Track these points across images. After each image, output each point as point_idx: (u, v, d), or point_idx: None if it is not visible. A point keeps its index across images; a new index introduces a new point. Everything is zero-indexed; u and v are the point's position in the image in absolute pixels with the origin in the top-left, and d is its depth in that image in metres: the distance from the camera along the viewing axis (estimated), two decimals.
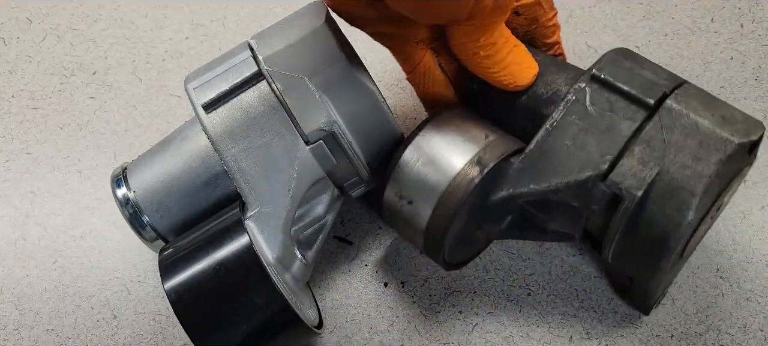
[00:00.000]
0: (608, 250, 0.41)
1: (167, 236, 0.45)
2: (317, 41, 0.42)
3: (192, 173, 0.44)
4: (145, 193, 0.44)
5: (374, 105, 0.43)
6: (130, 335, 0.50)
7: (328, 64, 0.42)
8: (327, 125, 0.42)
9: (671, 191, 0.38)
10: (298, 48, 0.42)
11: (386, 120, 0.43)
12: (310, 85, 0.41)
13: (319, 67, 0.42)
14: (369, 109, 0.43)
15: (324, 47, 0.42)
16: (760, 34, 0.57)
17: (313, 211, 0.44)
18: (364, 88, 0.42)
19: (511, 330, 0.48)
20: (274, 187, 0.42)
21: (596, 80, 0.42)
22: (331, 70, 0.42)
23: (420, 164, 0.42)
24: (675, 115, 0.39)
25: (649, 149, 0.39)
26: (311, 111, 0.41)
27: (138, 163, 0.46)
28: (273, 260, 0.41)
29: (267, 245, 0.41)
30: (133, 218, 0.44)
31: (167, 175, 0.44)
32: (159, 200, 0.44)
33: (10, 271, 0.53)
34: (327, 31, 0.42)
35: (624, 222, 0.39)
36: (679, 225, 0.37)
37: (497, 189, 0.41)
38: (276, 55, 0.42)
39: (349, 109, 0.42)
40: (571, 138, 0.41)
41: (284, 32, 0.43)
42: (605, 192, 0.39)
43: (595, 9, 0.60)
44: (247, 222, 0.41)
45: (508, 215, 0.43)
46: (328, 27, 0.43)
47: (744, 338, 0.46)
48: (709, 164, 0.37)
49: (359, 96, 0.42)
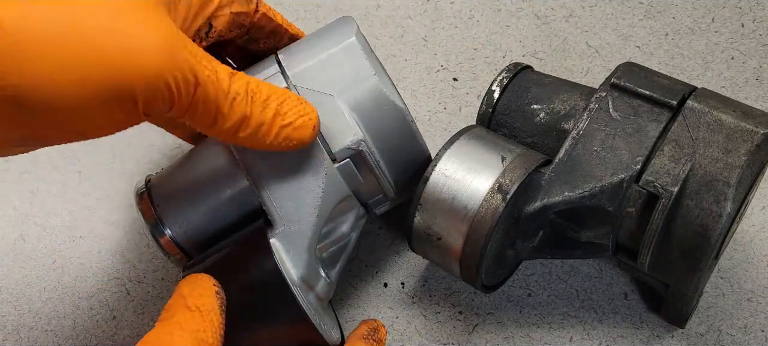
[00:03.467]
0: (645, 256, 0.40)
1: (189, 250, 0.44)
2: (347, 58, 0.41)
3: (217, 188, 0.42)
4: (168, 206, 0.43)
5: (403, 124, 0.42)
6: (130, 335, 0.50)
7: (358, 81, 0.41)
8: (355, 144, 0.41)
9: (706, 183, 0.38)
10: (327, 64, 0.41)
11: (414, 139, 0.43)
12: (340, 102, 0.41)
13: (349, 85, 0.41)
14: (398, 128, 0.42)
15: (354, 64, 0.41)
16: (761, 34, 0.57)
17: (339, 229, 0.44)
18: (393, 106, 0.42)
19: (511, 331, 0.48)
20: (301, 205, 0.41)
21: (616, 88, 0.43)
22: (361, 88, 0.41)
23: (446, 191, 0.41)
24: (698, 113, 0.40)
25: (678, 147, 0.39)
26: (340, 129, 0.41)
27: (163, 176, 0.45)
28: (298, 279, 0.41)
29: (292, 264, 0.41)
30: (155, 230, 0.43)
31: (192, 188, 0.43)
32: (183, 214, 0.43)
33: (9, 271, 0.53)
34: (357, 48, 0.42)
35: (661, 222, 0.39)
36: (719, 216, 0.38)
37: (530, 201, 0.41)
38: (305, 71, 0.41)
39: (377, 128, 0.41)
40: (599, 144, 0.41)
41: (313, 48, 0.42)
42: (641, 192, 0.39)
43: (596, 8, 0.60)
44: (273, 240, 0.40)
45: (539, 230, 0.43)
46: (358, 43, 0.42)
47: (745, 339, 0.46)
48: (739, 155, 0.38)
49: (388, 115, 0.42)
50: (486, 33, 0.60)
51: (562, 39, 0.59)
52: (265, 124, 0.37)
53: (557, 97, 0.46)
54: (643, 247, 0.40)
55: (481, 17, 0.60)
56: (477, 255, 0.40)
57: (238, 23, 0.41)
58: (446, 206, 0.41)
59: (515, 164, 0.41)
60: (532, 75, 0.49)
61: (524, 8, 0.60)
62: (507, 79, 0.47)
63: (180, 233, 0.43)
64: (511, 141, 0.44)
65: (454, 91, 0.58)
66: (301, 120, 0.38)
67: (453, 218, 0.41)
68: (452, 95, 0.58)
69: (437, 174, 0.42)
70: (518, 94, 0.47)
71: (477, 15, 0.61)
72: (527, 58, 0.59)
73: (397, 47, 0.60)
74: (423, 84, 0.59)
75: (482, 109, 0.48)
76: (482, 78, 0.58)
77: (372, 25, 0.61)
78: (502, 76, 0.48)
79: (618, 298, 0.48)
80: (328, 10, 0.62)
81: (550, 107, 0.46)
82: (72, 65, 0.30)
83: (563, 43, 0.59)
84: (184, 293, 0.37)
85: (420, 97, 0.58)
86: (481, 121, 0.48)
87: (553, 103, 0.46)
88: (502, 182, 0.40)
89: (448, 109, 0.58)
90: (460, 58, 0.59)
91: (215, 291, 0.38)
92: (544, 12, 0.60)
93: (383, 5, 0.62)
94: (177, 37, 0.33)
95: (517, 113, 0.47)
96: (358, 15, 0.62)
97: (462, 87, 0.58)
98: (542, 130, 0.45)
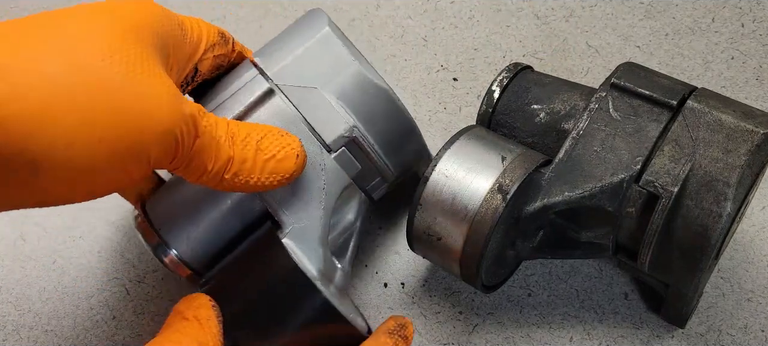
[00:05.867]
0: (645, 256, 0.40)
1: (197, 266, 0.43)
2: (324, 48, 0.42)
3: (217, 199, 0.42)
4: (169, 225, 0.42)
5: (390, 103, 0.43)
6: (130, 335, 0.50)
7: (340, 70, 0.41)
8: (348, 131, 0.41)
9: (706, 183, 0.38)
10: (305, 58, 0.42)
11: (402, 116, 0.43)
12: (325, 94, 0.41)
13: (331, 75, 0.41)
14: (385, 108, 0.43)
15: (332, 53, 0.42)
16: (761, 34, 0.57)
17: (345, 218, 0.44)
18: (377, 88, 0.42)
19: (511, 331, 0.48)
20: (306, 201, 0.41)
21: (616, 88, 0.43)
22: (344, 76, 0.41)
23: (446, 191, 0.41)
24: (698, 113, 0.40)
25: (678, 147, 0.39)
26: (330, 120, 0.41)
27: (157, 199, 0.44)
28: (317, 273, 0.40)
29: (308, 260, 0.41)
30: (158, 250, 0.42)
31: (191, 204, 0.42)
32: (185, 231, 0.42)
33: (9, 271, 0.53)
34: (332, 37, 0.42)
35: (661, 221, 0.39)
36: (719, 216, 0.38)
37: (530, 201, 0.41)
38: (284, 68, 0.41)
39: (366, 112, 0.42)
40: (599, 144, 0.41)
41: (288, 44, 0.42)
42: (641, 192, 0.39)
43: (596, 8, 0.60)
44: (285, 240, 0.40)
45: (539, 230, 0.43)
46: (332, 32, 0.42)
47: (745, 339, 0.46)
48: (739, 155, 0.38)
49: (374, 97, 0.42)
50: (486, 33, 0.60)
51: (562, 39, 0.59)
52: (247, 161, 0.37)
53: (557, 97, 0.46)
54: (643, 247, 0.40)
55: (481, 17, 0.60)
56: (477, 255, 0.40)
57: (218, 65, 0.42)
58: (446, 206, 0.41)
59: (515, 164, 0.41)
60: (532, 75, 0.49)
61: (524, 8, 0.60)
62: (507, 79, 0.47)
63: (185, 251, 0.42)
64: (511, 141, 0.44)
65: (454, 91, 0.58)
66: (283, 152, 0.38)
67: (453, 218, 0.41)
68: (452, 95, 0.58)
69: (437, 174, 0.42)
70: (518, 94, 0.47)
71: (477, 15, 0.61)
72: (527, 58, 0.59)
73: (397, 47, 0.60)
74: (423, 84, 0.58)
75: (482, 109, 0.48)
76: (482, 78, 0.58)
77: (372, 25, 0.61)
78: (502, 76, 0.48)
79: (618, 298, 0.48)
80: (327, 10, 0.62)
81: (550, 107, 0.46)
82: (90, 126, 0.30)
83: (563, 43, 0.59)
84: (181, 309, 0.38)
85: (420, 97, 0.58)
86: (481, 121, 0.48)
87: (553, 103, 0.46)
88: (502, 181, 0.40)
89: (448, 109, 0.57)
90: (460, 58, 0.59)
91: (211, 305, 0.38)
92: (544, 12, 0.60)
93: (383, 5, 0.62)
94: (178, 91, 0.34)
95: (517, 113, 0.47)
96: (358, 15, 0.62)
97: (462, 87, 0.58)
98: (542, 130, 0.45)
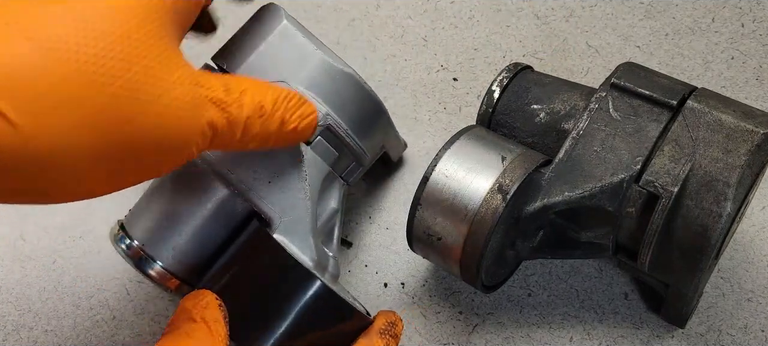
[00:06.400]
0: (645, 256, 0.40)
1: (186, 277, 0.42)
2: (285, 41, 0.42)
3: (197, 207, 0.42)
4: (151, 238, 0.42)
5: (358, 87, 0.43)
6: (130, 335, 0.50)
7: (305, 60, 0.41)
8: (322, 119, 0.41)
9: (706, 183, 0.38)
10: (268, 53, 0.41)
11: (370, 97, 0.44)
12: (294, 85, 0.41)
13: (297, 66, 0.41)
14: (353, 93, 0.43)
15: (294, 45, 0.42)
16: (761, 34, 0.57)
17: (328, 207, 0.44)
18: (344, 73, 0.42)
19: (511, 331, 0.48)
20: (290, 195, 0.41)
21: (616, 88, 0.43)
22: (310, 66, 0.42)
23: (446, 191, 0.41)
24: (698, 113, 0.40)
25: (678, 147, 0.39)
26: None
27: (135, 215, 0.43)
28: (313, 264, 0.41)
29: (302, 253, 0.41)
30: (143, 262, 0.42)
31: (171, 216, 0.42)
32: (169, 242, 0.41)
33: (9, 271, 0.53)
34: (291, 29, 0.42)
35: (661, 222, 0.39)
36: (719, 216, 0.38)
37: (530, 201, 0.41)
38: (249, 66, 0.41)
39: (336, 99, 0.42)
40: (599, 144, 0.41)
41: (248, 42, 0.42)
42: (641, 192, 0.39)
43: (596, 8, 0.60)
44: (276, 235, 0.40)
45: (539, 230, 0.43)
46: (291, 25, 0.42)
47: (745, 339, 0.46)
48: (739, 155, 0.38)
49: (342, 83, 0.43)
50: (486, 33, 0.60)
51: (562, 39, 0.59)
52: (271, 137, 0.37)
53: (557, 97, 0.46)
54: (643, 247, 0.40)
55: (481, 17, 0.60)
56: (477, 255, 0.40)
57: None
58: (446, 206, 0.41)
59: (515, 164, 0.41)
60: (532, 75, 0.49)
61: (524, 8, 0.60)
62: (507, 79, 0.47)
63: (170, 262, 0.41)
64: (511, 141, 0.44)
65: (454, 91, 0.58)
66: (305, 122, 0.39)
67: (453, 218, 0.41)
68: (452, 95, 0.58)
69: (437, 174, 0.42)
70: (518, 94, 0.47)
71: (477, 15, 0.61)
72: (527, 58, 0.58)
73: (397, 47, 0.60)
74: (423, 84, 0.58)
75: (482, 109, 0.48)
76: (482, 78, 0.58)
77: (372, 25, 0.61)
78: (502, 76, 0.48)
79: (618, 298, 0.48)
80: (328, 10, 0.62)
81: (550, 107, 0.46)
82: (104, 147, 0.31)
83: (563, 43, 0.59)
84: (187, 306, 0.37)
85: (420, 97, 0.58)
86: (481, 121, 0.48)
87: (553, 103, 0.46)
88: (502, 181, 0.40)
89: (448, 109, 0.57)
90: (460, 58, 0.59)
91: (218, 303, 0.38)
92: (544, 12, 0.60)
93: (383, 5, 0.62)
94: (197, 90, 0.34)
95: (517, 113, 0.47)
96: (358, 15, 0.62)
97: (462, 87, 0.58)
98: (542, 130, 0.45)
